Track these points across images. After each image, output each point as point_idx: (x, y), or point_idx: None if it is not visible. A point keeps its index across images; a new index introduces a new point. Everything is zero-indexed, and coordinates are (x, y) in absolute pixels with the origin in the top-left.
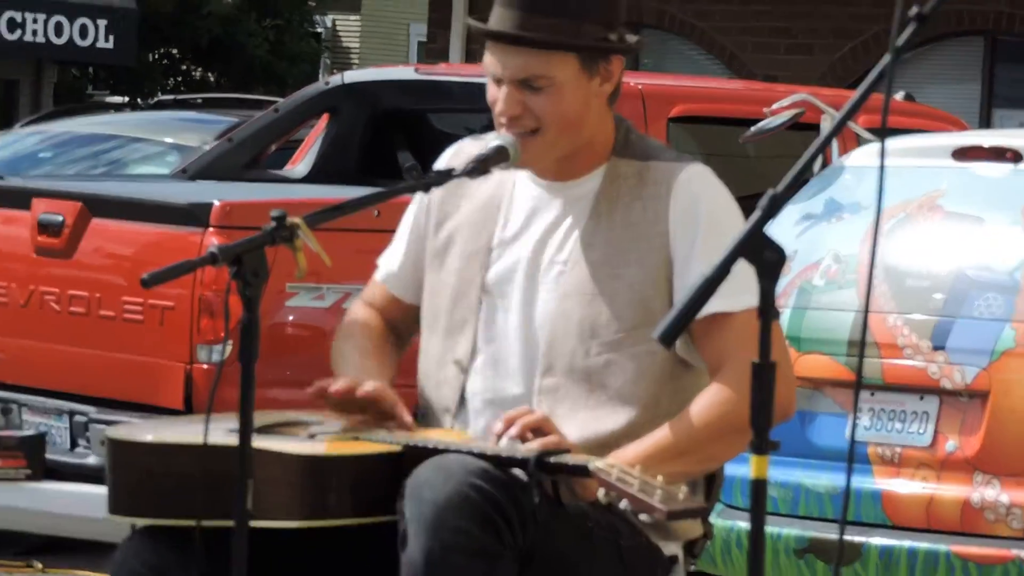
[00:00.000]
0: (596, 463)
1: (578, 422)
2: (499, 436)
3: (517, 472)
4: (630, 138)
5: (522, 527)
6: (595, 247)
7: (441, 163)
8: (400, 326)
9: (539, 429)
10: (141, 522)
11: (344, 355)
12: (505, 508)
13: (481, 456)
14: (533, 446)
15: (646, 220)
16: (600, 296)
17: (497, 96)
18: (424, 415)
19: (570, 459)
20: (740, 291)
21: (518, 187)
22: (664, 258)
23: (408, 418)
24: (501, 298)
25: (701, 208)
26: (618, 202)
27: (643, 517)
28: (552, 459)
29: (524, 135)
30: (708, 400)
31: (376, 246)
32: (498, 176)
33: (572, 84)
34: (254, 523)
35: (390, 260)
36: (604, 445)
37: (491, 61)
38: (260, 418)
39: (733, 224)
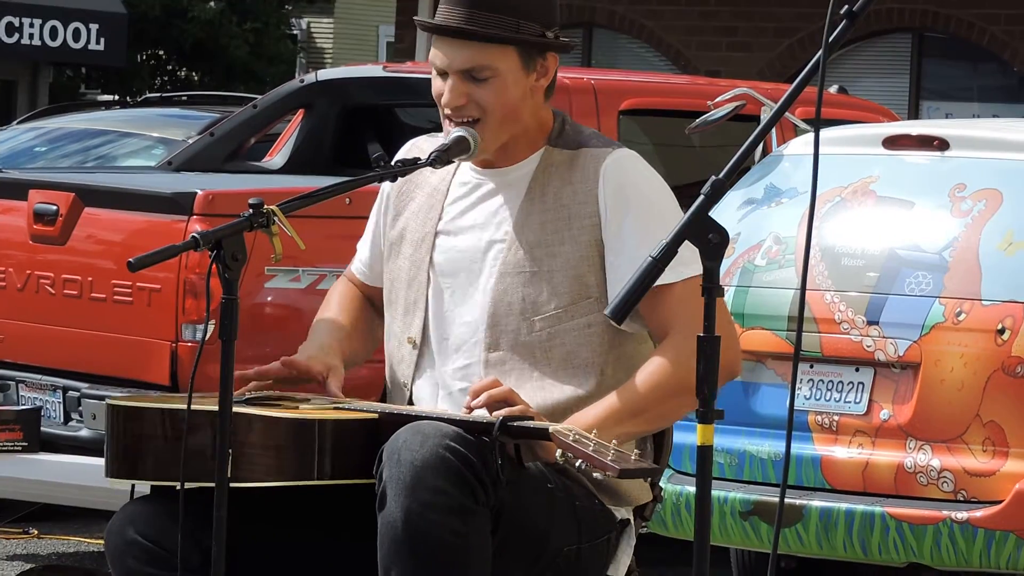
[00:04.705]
0: (555, 427)
1: (525, 394)
2: (469, 410)
3: (485, 437)
4: (565, 128)
5: (493, 486)
6: (530, 228)
7: (397, 158)
8: (377, 304)
9: (504, 400)
10: (138, 485)
11: (313, 330)
12: (478, 468)
13: (451, 421)
14: (500, 412)
15: (576, 202)
16: (538, 274)
17: (443, 89)
18: (390, 391)
19: (532, 424)
20: (679, 264)
21: (457, 175)
22: (595, 237)
23: (332, 385)
24: (446, 278)
25: (628, 190)
26: (549, 186)
27: (596, 475)
28: (516, 424)
29: (467, 124)
30: (656, 364)
31: (347, 231)
32: (438, 170)
33: (512, 76)
34: (241, 484)
35: (361, 252)
36: (552, 414)
37: (438, 55)
38: (251, 392)
39: (660, 202)
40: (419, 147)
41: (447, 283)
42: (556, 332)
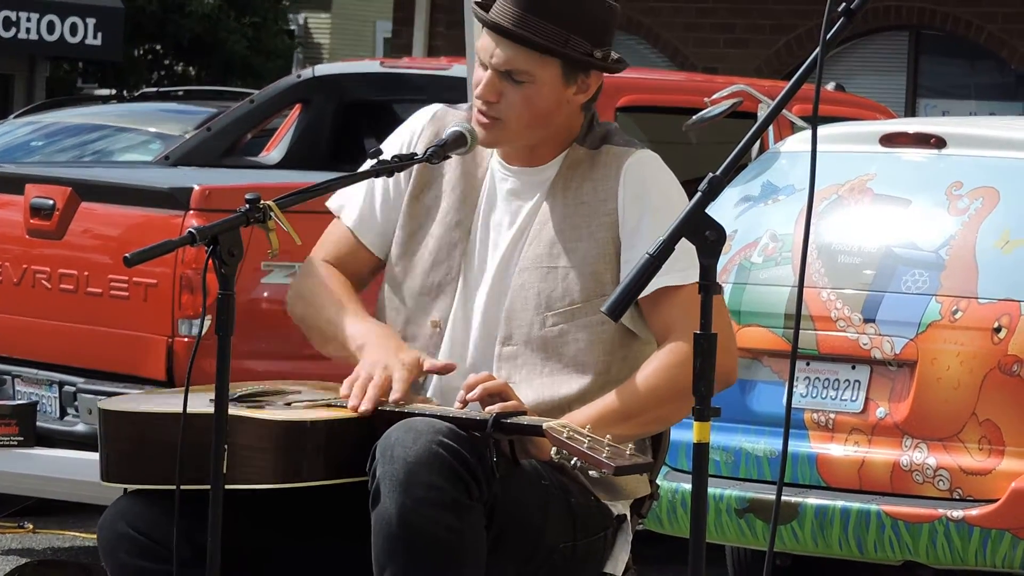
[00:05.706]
0: (549, 423)
1: (534, 388)
2: (463, 403)
3: (477, 433)
4: (592, 125)
5: (487, 482)
6: (550, 225)
7: (419, 120)
8: (355, 280)
9: (499, 394)
10: (132, 488)
11: (341, 308)
12: (471, 464)
13: (444, 418)
14: (493, 409)
15: (596, 199)
16: (555, 270)
17: (481, 78)
18: None
19: (525, 420)
20: (688, 267)
21: (492, 171)
22: (613, 235)
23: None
24: (471, 270)
25: (648, 190)
26: (571, 184)
27: (592, 472)
28: (509, 420)
29: (491, 120)
30: (654, 366)
31: None
32: (475, 156)
33: (549, 86)
34: (233, 486)
35: (356, 207)
36: (558, 409)
37: (484, 48)
38: (243, 389)
39: (678, 205)
40: (441, 119)
41: (470, 275)
42: (568, 329)
